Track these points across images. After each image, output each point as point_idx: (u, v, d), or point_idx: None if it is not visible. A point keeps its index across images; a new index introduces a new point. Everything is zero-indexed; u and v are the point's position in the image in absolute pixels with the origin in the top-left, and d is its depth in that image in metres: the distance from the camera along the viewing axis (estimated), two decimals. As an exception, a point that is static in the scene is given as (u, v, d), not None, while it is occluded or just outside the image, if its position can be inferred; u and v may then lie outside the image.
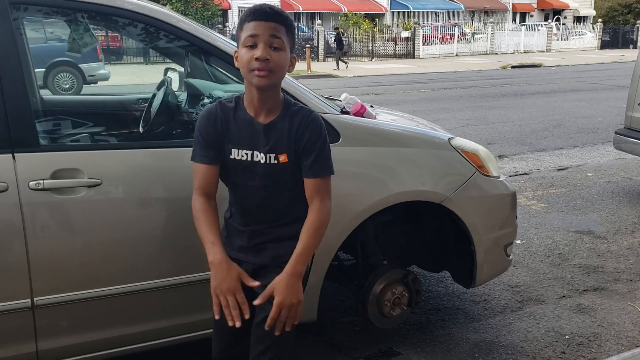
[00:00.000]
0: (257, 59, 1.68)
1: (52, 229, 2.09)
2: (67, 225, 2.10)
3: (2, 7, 2.06)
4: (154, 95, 3.25)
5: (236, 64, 1.78)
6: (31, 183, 2.02)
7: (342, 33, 28.06)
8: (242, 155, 1.80)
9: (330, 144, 2.47)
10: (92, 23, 2.87)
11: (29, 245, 2.04)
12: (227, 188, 1.92)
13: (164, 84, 3.27)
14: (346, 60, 26.36)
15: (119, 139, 3.08)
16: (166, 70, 3.73)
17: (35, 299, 2.10)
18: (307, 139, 1.80)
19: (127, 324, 2.31)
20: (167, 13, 2.46)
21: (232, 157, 1.81)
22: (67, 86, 12.70)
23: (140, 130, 3.09)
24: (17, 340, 2.16)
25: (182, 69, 3.66)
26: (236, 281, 1.79)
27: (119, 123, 3.34)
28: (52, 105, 3.38)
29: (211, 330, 2.04)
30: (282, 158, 1.79)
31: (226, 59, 2.47)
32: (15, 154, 2.03)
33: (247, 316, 1.78)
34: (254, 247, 1.89)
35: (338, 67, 24.54)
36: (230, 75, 3.07)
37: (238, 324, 1.77)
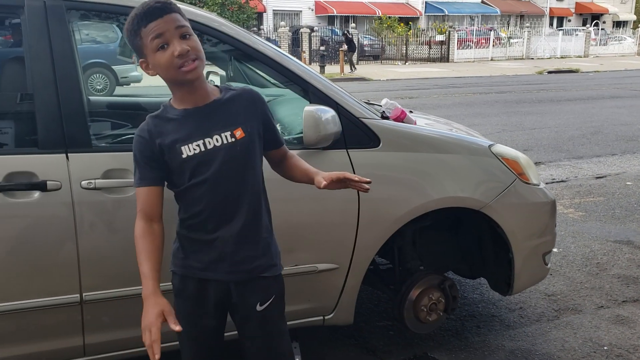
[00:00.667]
0: (178, 55, 1.60)
1: (101, 227, 2.16)
2: (115, 224, 2.17)
3: (59, 11, 2.15)
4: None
5: (149, 72, 1.69)
6: (83, 182, 2.09)
7: (351, 34, 27.29)
8: (195, 149, 1.68)
9: (371, 149, 2.55)
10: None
11: (80, 243, 2.12)
12: (182, 202, 1.78)
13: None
14: (354, 66, 25.45)
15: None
16: (207, 73, 3.80)
17: (84, 294, 2.18)
18: (266, 113, 1.81)
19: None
20: (210, 17, 2.50)
21: (184, 156, 1.68)
22: (100, 87, 12.95)
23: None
24: (65, 334, 2.24)
25: (223, 73, 3.73)
26: (156, 319, 1.65)
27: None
28: (98, 106, 3.48)
29: None
30: (239, 134, 1.71)
31: (268, 62, 2.50)
32: (68, 154, 2.10)
33: (157, 356, 1.62)
34: (227, 256, 1.77)
35: (352, 70, 24.15)
36: (272, 79, 3.12)
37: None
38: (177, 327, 1.64)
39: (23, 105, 2.39)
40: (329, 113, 2.34)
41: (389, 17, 36.17)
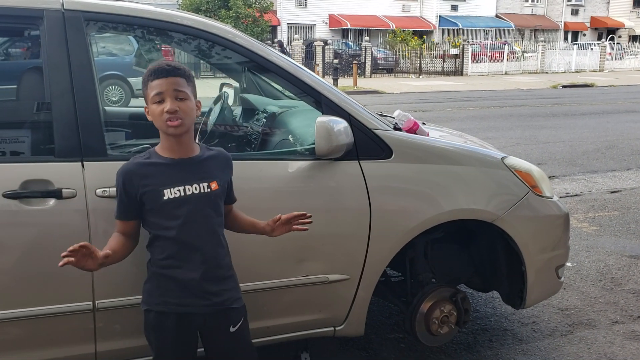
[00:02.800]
0: (167, 111, 1.86)
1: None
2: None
3: (78, 22, 2.19)
4: (210, 110, 3.35)
5: (149, 117, 1.95)
6: (98, 190, 2.12)
7: (284, 46, 25.55)
8: (175, 193, 1.93)
9: (383, 160, 2.56)
10: (153, 38, 2.99)
11: (93, 250, 2.13)
12: (158, 242, 1.98)
13: (220, 98, 3.37)
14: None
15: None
16: (222, 85, 3.83)
17: (96, 301, 2.20)
18: (230, 172, 2.10)
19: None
20: (225, 28, 2.53)
21: (165, 198, 1.92)
22: (115, 99, 13.07)
23: (197, 142, 3.19)
24: (77, 341, 2.26)
25: (237, 84, 3.76)
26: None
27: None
28: (114, 116, 3.52)
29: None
30: (214, 185, 1.99)
31: (281, 74, 2.53)
32: (84, 163, 2.13)
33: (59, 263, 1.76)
34: (201, 292, 1.99)
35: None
36: (285, 90, 3.15)
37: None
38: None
39: (40, 114, 2.42)
40: (341, 124, 2.35)
41: (403, 30, 36.24)
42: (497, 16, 43.94)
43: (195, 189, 1.95)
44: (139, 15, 2.37)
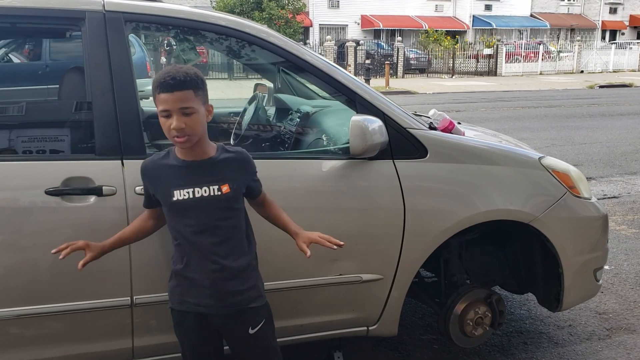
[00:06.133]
0: (173, 129, 1.83)
1: (152, 232, 2.21)
2: (167, 228, 2.22)
3: (118, 23, 2.24)
4: (245, 110, 3.38)
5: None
6: (137, 188, 2.16)
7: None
8: (184, 195, 1.91)
9: (417, 160, 2.54)
10: (188, 38, 3.03)
11: (132, 247, 2.17)
12: (176, 240, 2.00)
13: (255, 99, 3.40)
14: None
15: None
16: (256, 85, 3.86)
17: (134, 297, 2.24)
18: (248, 170, 2.03)
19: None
20: (259, 28, 2.55)
21: (174, 199, 1.92)
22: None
23: (232, 143, 3.23)
24: (115, 336, 2.30)
25: (271, 85, 3.78)
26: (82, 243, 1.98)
27: (211, 135, 3.48)
28: (151, 115, 3.57)
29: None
30: (225, 189, 1.93)
31: (315, 73, 2.53)
32: (124, 161, 2.18)
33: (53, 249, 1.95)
34: (217, 293, 1.98)
35: None
36: (319, 90, 3.16)
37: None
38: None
39: (81, 114, 2.48)
40: (375, 123, 2.35)
41: (436, 30, 35.95)
42: (532, 15, 43.23)
43: (205, 192, 1.92)
44: (175, 16, 2.41)
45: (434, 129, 2.71)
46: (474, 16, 41.43)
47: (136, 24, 2.43)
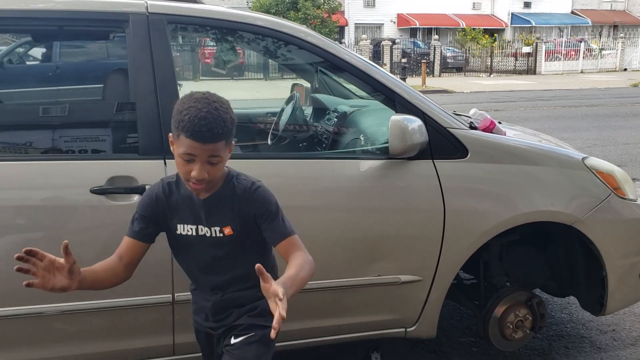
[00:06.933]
0: (194, 177, 1.62)
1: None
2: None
3: (161, 25, 2.28)
4: (282, 110, 3.40)
5: (171, 148, 1.70)
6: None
7: None
8: (188, 230, 1.79)
9: (458, 160, 2.52)
10: (227, 39, 3.06)
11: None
12: (183, 268, 1.92)
13: (292, 98, 3.41)
14: None
15: (249, 150, 3.25)
16: (293, 85, 3.88)
17: (175, 294, 2.27)
18: (255, 212, 1.75)
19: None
20: (296, 27, 2.56)
21: (178, 232, 1.81)
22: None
23: (269, 142, 3.25)
24: (156, 333, 2.34)
25: (308, 84, 3.79)
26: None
27: (248, 135, 3.52)
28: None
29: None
30: (227, 231, 1.75)
31: (354, 72, 2.53)
32: (166, 160, 2.21)
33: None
34: (219, 315, 1.88)
35: None
36: (356, 89, 3.15)
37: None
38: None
39: (125, 114, 2.53)
40: (415, 122, 2.33)
41: (473, 28, 35.49)
42: (572, 12, 42.29)
43: (207, 232, 1.77)
44: (214, 17, 2.44)
45: (475, 128, 2.68)
46: (512, 14, 40.74)
47: (177, 26, 2.46)
